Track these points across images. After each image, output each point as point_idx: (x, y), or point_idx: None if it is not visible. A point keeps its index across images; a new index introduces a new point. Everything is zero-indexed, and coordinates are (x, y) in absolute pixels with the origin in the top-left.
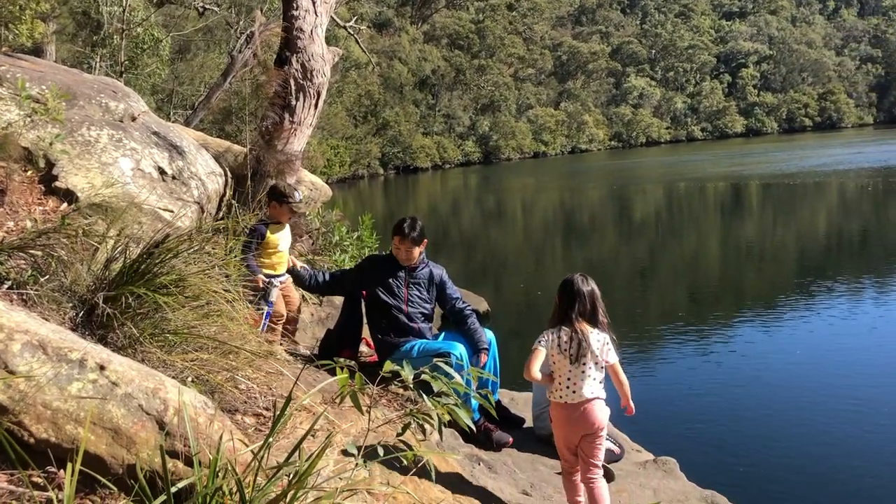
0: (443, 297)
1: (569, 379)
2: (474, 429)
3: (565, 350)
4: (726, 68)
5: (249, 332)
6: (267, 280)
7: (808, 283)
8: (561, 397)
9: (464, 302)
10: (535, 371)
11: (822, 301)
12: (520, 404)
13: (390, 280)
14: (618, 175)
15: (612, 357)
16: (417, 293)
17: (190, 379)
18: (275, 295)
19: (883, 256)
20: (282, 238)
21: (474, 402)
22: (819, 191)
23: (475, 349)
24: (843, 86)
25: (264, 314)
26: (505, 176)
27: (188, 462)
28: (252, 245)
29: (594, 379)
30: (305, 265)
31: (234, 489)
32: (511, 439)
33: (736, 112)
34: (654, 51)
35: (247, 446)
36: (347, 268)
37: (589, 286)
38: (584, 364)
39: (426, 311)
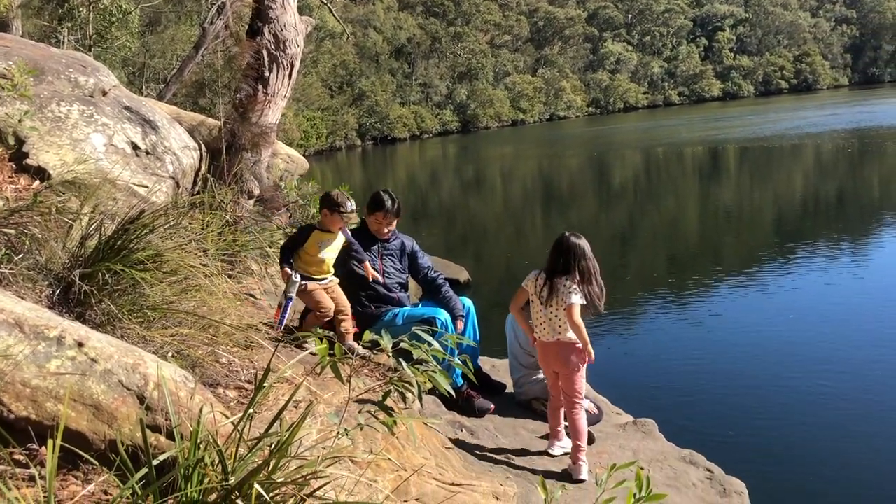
0: (415, 266)
1: (540, 320)
2: (454, 394)
3: (538, 293)
4: (702, 32)
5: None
6: (291, 274)
7: (786, 245)
8: (538, 336)
9: (435, 271)
10: (515, 306)
11: (800, 263)
12: (501, 371)
13: (366, 252)
14: (596, 141)
15: (569, 300)
16: (392, 264)
17: (170, 354)
18: (293, 290)
19: (858, 217)
20: (324, 246)
21: (457, 370)
22: (795, 153)
23: (452, 316)
24: (819, 48)
25: (282, 307)
26: (483, 145)
27: (170, 436)
28: (293, 241)
29: (561, 322)
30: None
31: (216, 460)
32: (493, 406)
33: (713, 76)
34: (630, 15)
35: (228, 418)
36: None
37: (572, 242)
38: (552, 307)
39: (402, 281)
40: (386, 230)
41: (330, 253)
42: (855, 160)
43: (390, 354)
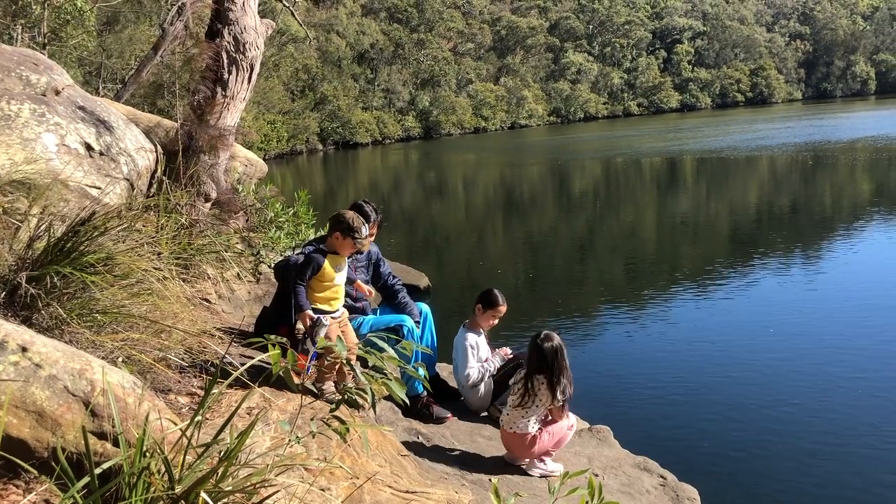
0: (377, 273)
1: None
2: (408, 402)
3: (513, 388)
4: (661, 44)
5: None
6: (316, 317)
7: (740, 254)
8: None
9: (394, 277)
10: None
11: (754, 272)
12: None
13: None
14: (557, 150)
15: (526, 428)
16: (362, 275)
17: (120, 359)
18: (322, 334)
19: (810, 227)
20: (340, 270)
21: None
22: (750, 165)
23: (399, 309)
24: (774, 62)
25: (309, 356)
26: (446, 151)
27: (116, 443)
28: (305, 275)
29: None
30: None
31: (163, 469)
32: (450, 414)
33: (671, 87)
34: (591, 26)
35: (176, 425)
36: (304, 270)
37: (546, 347)
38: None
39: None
40: (366, 245)
41: (342, 278)
42: (807, 173)
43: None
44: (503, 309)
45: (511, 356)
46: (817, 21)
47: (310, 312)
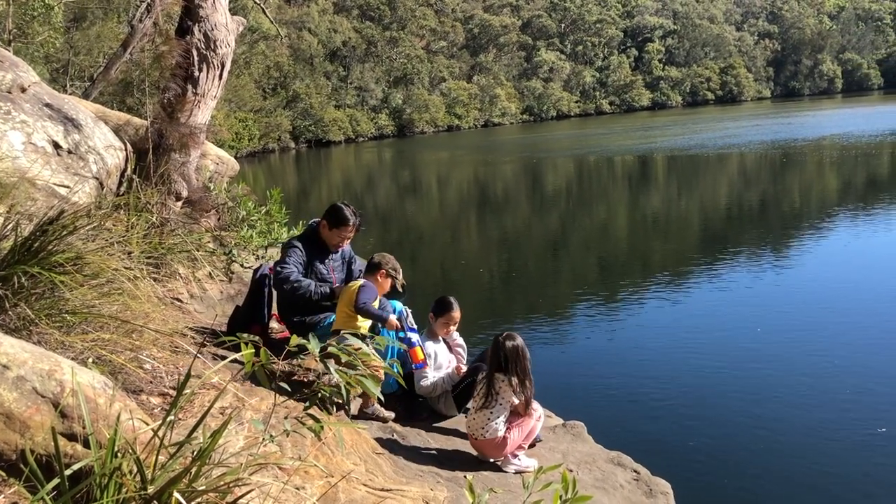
0: (350, 270)
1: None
2: (383, 399)
3: (477, 390)
4: (633, 43)
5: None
6: (398, 311)
7: (711, 251)
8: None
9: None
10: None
11: (725, 268)
12: None
13: (320, 264)
14: (530, 148)
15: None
16: (339, 274)
17: (91, 360)
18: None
19: (779, 223)
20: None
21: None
22: (720, 163)
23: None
24: (743, 60)
25: (418, 342)
26: (419, 150)
27: (88, 444)
28: (374, 295)
29: (484, 423)
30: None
31: (135, 469)
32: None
33: (642, 86)
34: (563, 25)
35: (147, 425)
36: (293, 261)
37: (508, 346)
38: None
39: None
40: (345, 244)
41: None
42: (776, 170)
43: (318, 359)
44: (456, 315)
45: (464, 373)
46: (785, 20)
47: (392, 318)
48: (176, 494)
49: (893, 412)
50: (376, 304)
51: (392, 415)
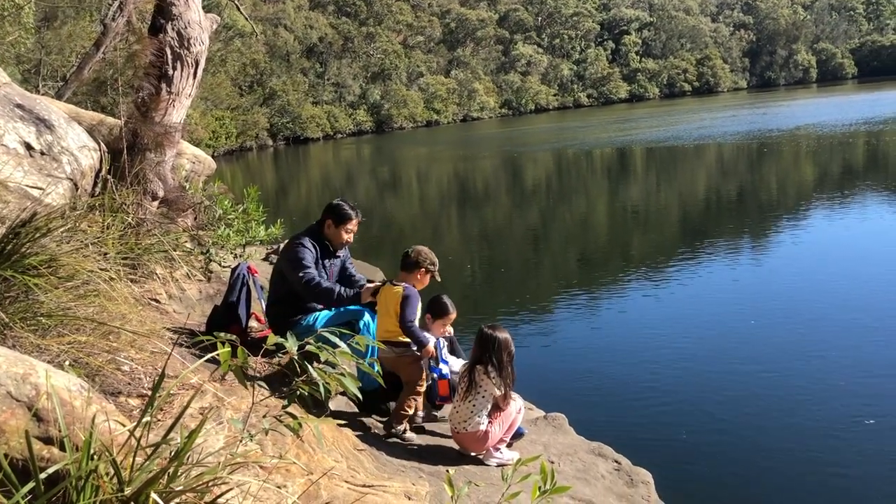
0: (344, 266)
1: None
2: (361, 398)
3: (459, 381)
4: (609, 35)
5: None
6: (435, 341)
7: (690, 242)
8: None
9: (358, 273)
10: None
11: (704, 259)
12: None
13: (325, 263)
14: (509, 143)
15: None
16: (335, 276)
17: (68, 363)
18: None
19: (758, 214)
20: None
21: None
22: (698, 154)
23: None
24: (719, 51)
25: (446, 377)
26: (398, 145)
27: (64, 447)
28: (417, 310)
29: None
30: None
31: (111, 471)
32: None
33: (620, 78)
34: (539, 18)
35: (124, 426)
36: (310, 260)
37: (489, 335)
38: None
39: None
40: (350, 239)
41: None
42: (753, 160)
43: (296, 357)
44: (453, 316)
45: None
46: (760, 11)
47: (430, 346)
48: (153, 495)
49: (880, 404)
50: (418, 315)
51: (414, 437)
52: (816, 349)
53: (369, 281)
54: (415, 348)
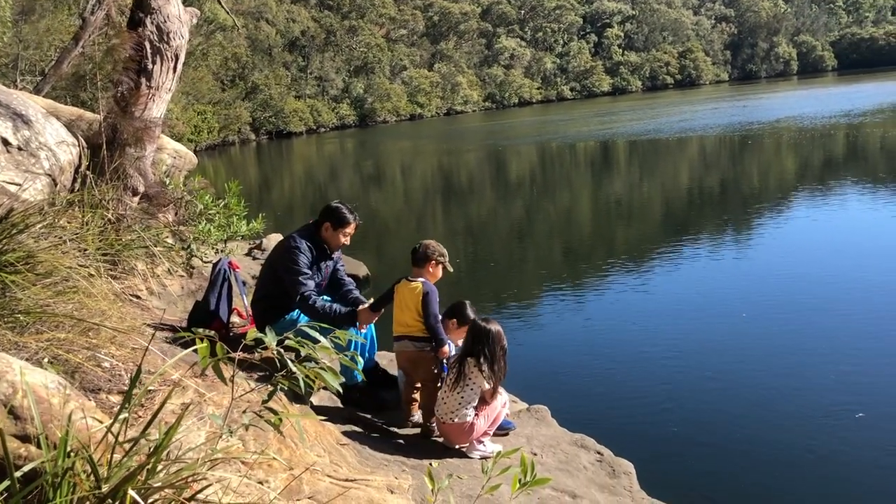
0: (335, 270)
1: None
2: (342, 391)
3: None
4: (592, 28)
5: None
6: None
7: (673, 234)
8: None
9: (346, 275)
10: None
11: (686, 251)
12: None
13: (321, 265)
14: (493, 136)
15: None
16: (329, 273)
17: (47, 360)
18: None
19: (740, 206)
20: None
21: (358, 365)
22: (681, 147)
23: (357, 303)
24: (701, 44)
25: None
26: (382, 139)
27: (42, 445)
28: (437, 305)
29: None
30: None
31: (89, 468)
32: (389, 400)
33: (602, 71)
34: (522, 11)
35: (101, 423)
36: (305, 267)
37: (482, 328)
38: (456, 391)
39: None
40: (347, 242)
41: None
42: (735, 153)
43: (275, 352)
44: None
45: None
46: (741, 3)
47: (447, 347)
48: (131, 492)
49: (869, 396)
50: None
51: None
52: (800, 340)
53: (356, 278)
54: (433, 344)
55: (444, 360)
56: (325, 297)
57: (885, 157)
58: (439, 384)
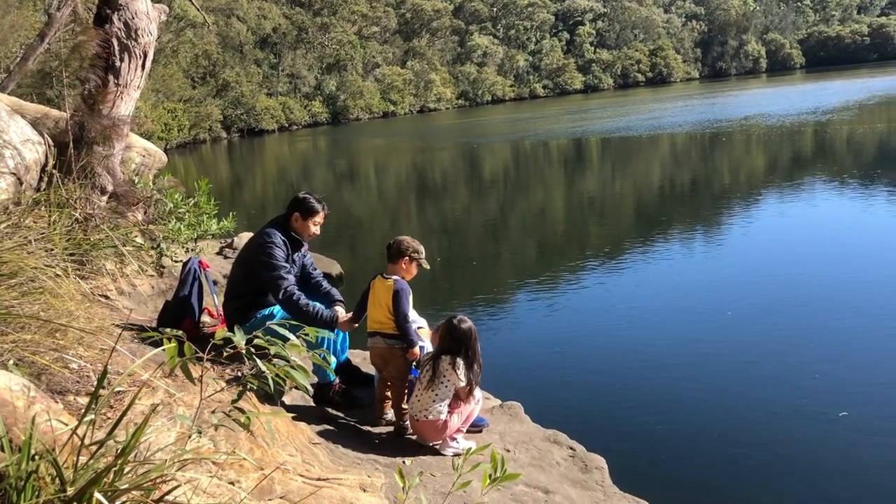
0: (303, 266)
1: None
2: (311, 390)
3: (422, 371)
4: (564, 26)
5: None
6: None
7: (645, 230)
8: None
9: (315, 269)
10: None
11: (658, 247)
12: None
13: (294, 257)
14: (467, 134)
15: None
16: (297, 270)
17: (12, 362)
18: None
19: (710, 202)
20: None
21: (332, 362)
22: (652, 144)
23: (332, 302)
24: (672, 42)
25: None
26: (355, 137)
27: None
28: (409, 304)
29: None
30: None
31: (54, 471)
32: (363, 398)
33: (575, 69)
34: (495, 8)
35: (66, 425)
36: (283, 262)
37: (461, 329)
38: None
39: None
40: (317, 232)
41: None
42: (707, 150)
43: (243, 350)
44: None
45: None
46: (711, 2)
47: (417, 349)
48: (97, 494)
49: (852, 396)
50: (411, 307)
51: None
52: (777, 336)
53: (329, 277)
54: (404, 344)
55: (414, 364)
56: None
57: (853, 154)
58: (403, 381)
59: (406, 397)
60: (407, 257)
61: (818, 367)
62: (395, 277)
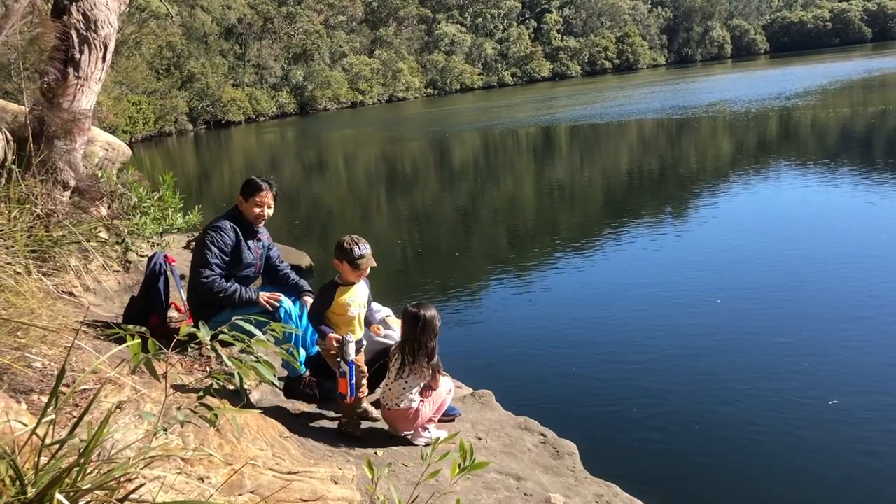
0: (268, 257)
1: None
2: (278, 384)
3: (392, 362)
4: (531, 14)
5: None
6: (341, 336)
7: (615, 217)
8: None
9: (282, 261)
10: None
11: (628, 233)
12: None
13: (249, 244)
14: (436, 123)
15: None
16: (260, 261)
17: None
18: (352, 350)
19: (679, 187)
20: (353, 302)
21: (301, 356)
22: (620, 131)
23: (300, 293)
24: (638, 29)
25: (348, 375)
26: (323, 127)
27: None
28: (319, 306)
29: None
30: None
31: (13, 473)
32: (334, 391)
33: (542, 57)
34: None
35: (26, 426)
36: (214, 254)
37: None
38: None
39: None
40: (268, 213)
41: (359, 309)
42: (674, 136)
43: (209, 346)
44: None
45: (377, 353)
46: None
47: (332, 335)
48: (58, 496)
49: (843, 385)
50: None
51: (373, 410)
52: (749, 321)
53: (299, 269)
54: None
55: (338, 356)
56: (270, 287)
57: (817, 138)
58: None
59: (356, 388)
60: (336, 259)
61: (787, 348)
62: (336, 277)
